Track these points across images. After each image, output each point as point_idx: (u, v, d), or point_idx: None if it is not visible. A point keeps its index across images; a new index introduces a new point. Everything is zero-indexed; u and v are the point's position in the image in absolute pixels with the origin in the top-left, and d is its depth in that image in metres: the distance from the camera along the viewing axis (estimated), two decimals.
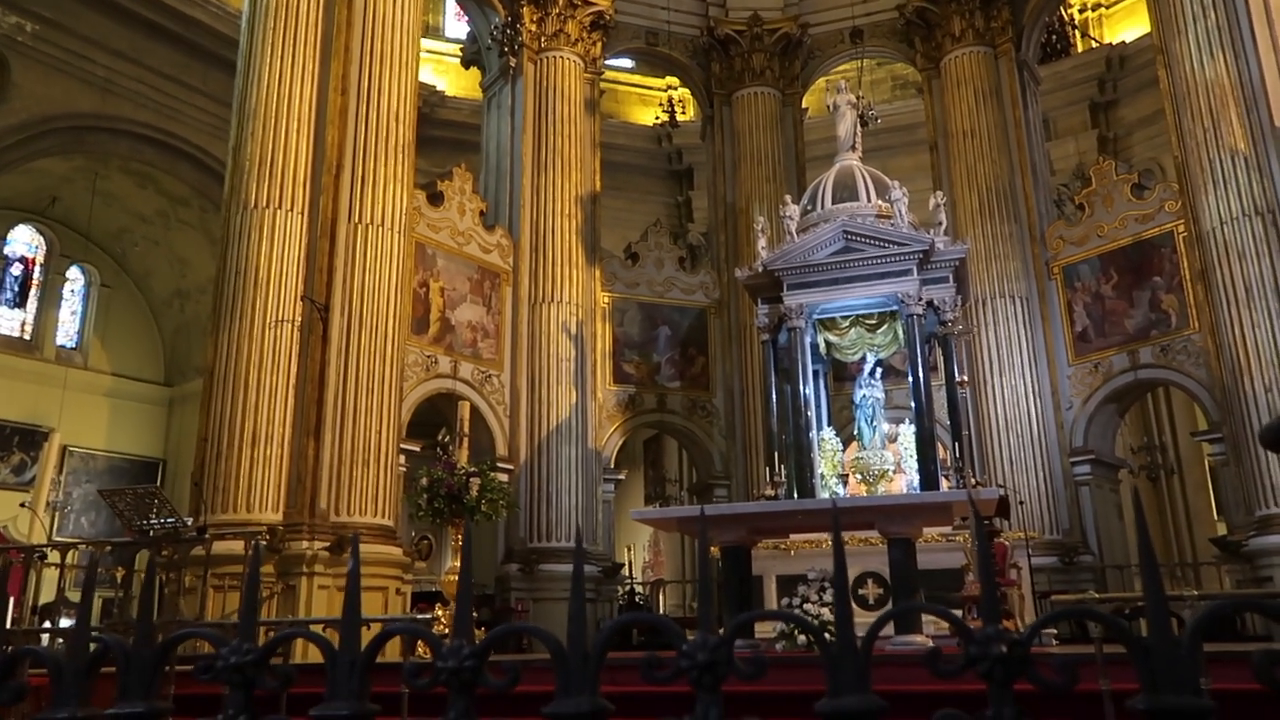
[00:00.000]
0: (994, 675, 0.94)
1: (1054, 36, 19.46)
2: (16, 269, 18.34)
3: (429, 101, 18.07)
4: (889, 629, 7.12)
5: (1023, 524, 11.92)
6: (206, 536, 7.97)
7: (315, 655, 7.66)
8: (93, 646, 1.22)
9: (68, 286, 19.03)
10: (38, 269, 18.62)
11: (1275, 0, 11.69)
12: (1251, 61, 11.57)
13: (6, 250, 18.15)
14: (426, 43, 16.66)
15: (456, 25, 20.96)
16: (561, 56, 15.21)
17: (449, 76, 20.15)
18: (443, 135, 18.30)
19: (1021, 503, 12.35)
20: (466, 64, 16.65)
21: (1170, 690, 0.92)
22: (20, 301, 18.29)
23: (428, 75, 18.43)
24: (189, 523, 8.35)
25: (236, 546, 8.48)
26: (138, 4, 15.09)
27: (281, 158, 10.66)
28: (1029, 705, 0.99)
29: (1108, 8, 20.34)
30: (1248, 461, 11.09)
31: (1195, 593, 5.73)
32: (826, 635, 1.06)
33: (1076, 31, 20.24)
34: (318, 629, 7.61)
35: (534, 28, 15.14)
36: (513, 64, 14.99)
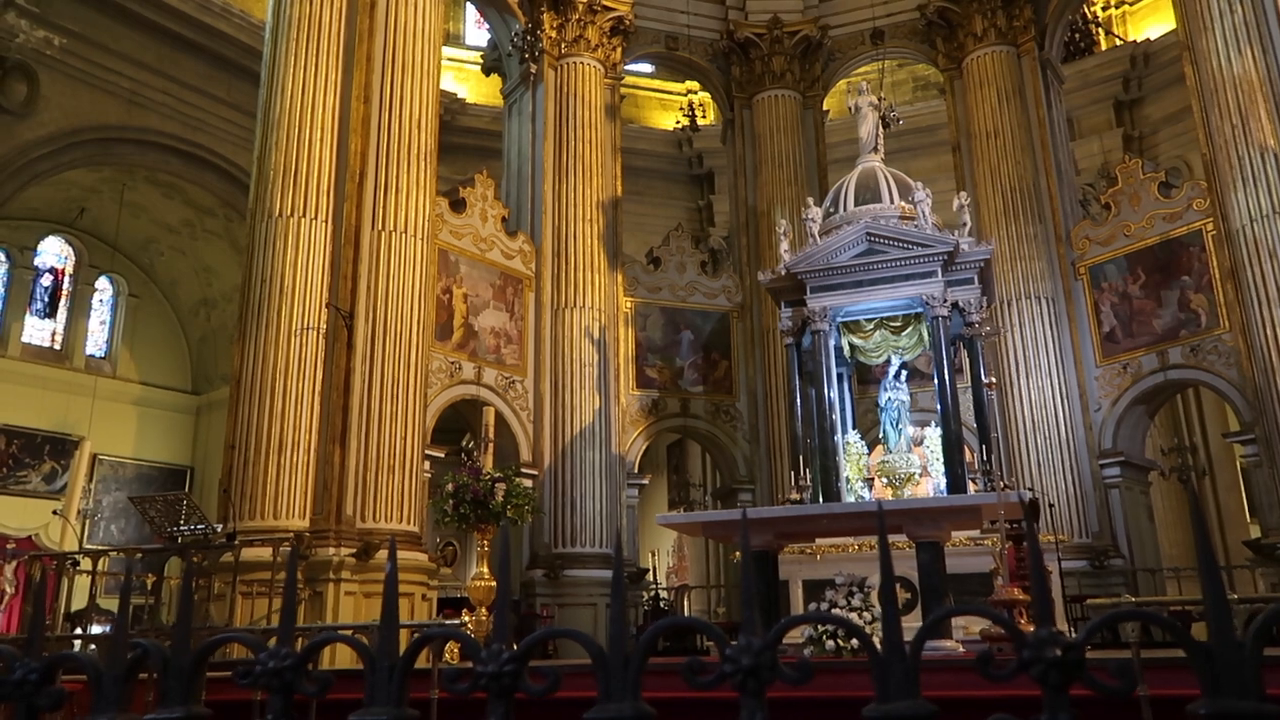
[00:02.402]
0: (1049, 679, 0.91)
1: (1077, 34, 19.30)
2: (46, 280, 18.60)
3: (450, 109, 18.17)
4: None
5: (1052, 527, 11.79)
6: (236, 543, 8.02)
7: (342, 660, 7.70)
8: (130, 652, 1.22)
9: (96, 296, 19.28)
10: (67, 279, 18.87)
11: None
12: None
13: (36, 261, 18.41)
14: (447, 50, 16.75)
15: (477, 33, 21.07)
16: (582, 62, 15.24)
17: (470, 84, 20.24)
18: (464, 142, 18.39)
19: (1051, 506, 12.21)
20: (487, 71, 16.72)
21: (1233, 695, 0.89)
22: (50, 312, 18.54)
23: (449, 83, 18.52)
24: (218, 529, 8.41)
25: (264, 553, 8.54)
26: (164, 17, 15.28)
27: (305, 166, 10.74)
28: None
29: (1131, 5, 20.14)
30: None
31: (1235, 596, 5.64)
32: (874, 639, 1.04)
33: (1100, 29, 20.05)
34: (346, 634, 7.64)
35: (554, 34, 15.19)
36: (533, 70, 15.04)
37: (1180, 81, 14.03)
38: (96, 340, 19.21)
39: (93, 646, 8.21)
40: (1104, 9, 20.19)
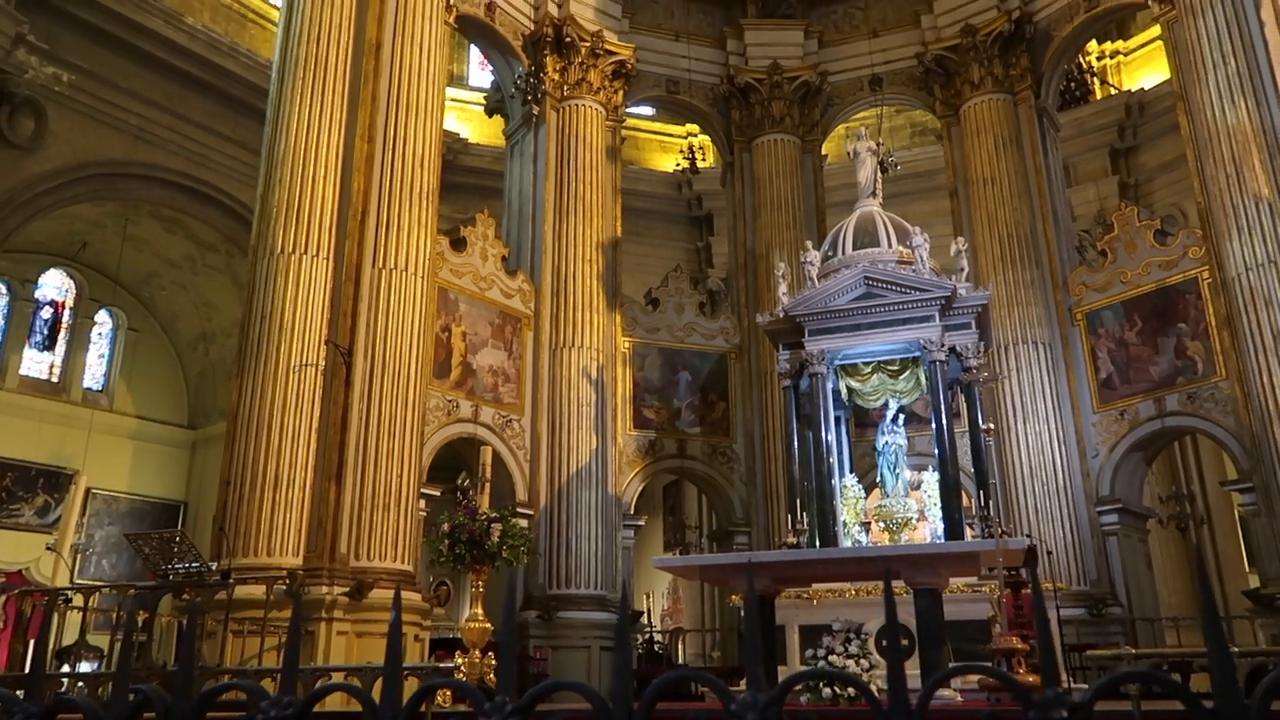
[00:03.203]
0: None
1: (1073, 84, 19.55)
2: (46, 312, 18.61)
3: (453, 149, 18.33)
4: (914, 681, 6.98)
5: (1050, 574, 11.73)
6: (230, 581, 7.96)
7: (333, 702, 7.58)
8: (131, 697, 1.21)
9: (95, 330, 19.29)
10: (67, 312, 18.89)
11: None
12: (1273, 107, 11.58)
13: (37, 294, 18.44)
14: (451, 91, 16.96)
15: (480, 74, 21.33)
16: (584, 105, 15.42)
17: (472, 124, 20.46)
18: (466, 182, 18.54)
19: (1049, 553, 12.17)
20: (490, 112, 16.91)
21: None
22: (49, 344, 18.54)
23: (452, 123, 18.71)
24: (212, 567, 8.35)
25: (257, 591, 8.47)
26: (172, 55, 15.47)
27: (308, 204, 10.83)
28: None
29: (1126, 55, 20.45)
30: None
31: (1236, 648, 5.58)
32: (876, 689, 1.04)
33: (1095, 79, 20.33)
34: (339, 676, 7.55)
35: (557, 77, 15.38)
36: (535, 112, 15.21)
37: (1175, 131, 14.22)
38: (94, 373, 19.19)
39: (80, 684, 8.10)
40: (1099, 59, 20.49)
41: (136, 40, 15.03)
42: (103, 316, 19.42)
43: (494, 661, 8.00)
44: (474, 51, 20.65)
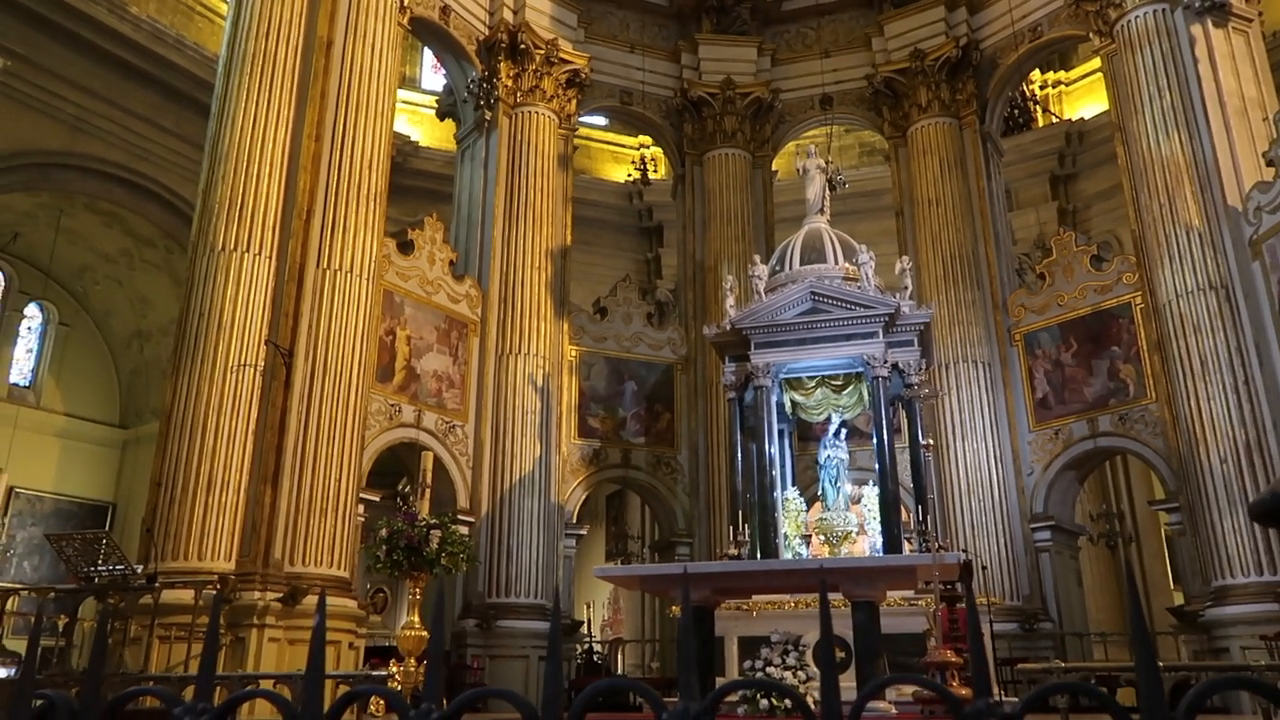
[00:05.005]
0: None
1: (1016, 111, 20.06)
2: None
3: (403, 151, 18.15)
4: (850, 693, 7.03)
5: (984, 589, 11.93)
6: (156, 585, 7.73)
7: (262, 711, 7.41)
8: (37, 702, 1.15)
9: (25, 323, 18.67)
10: None
11: (1228, 83, 12.17)
12: (1205, 141, 12.00)
13: None
14: (402, 93, 16.79)
15: (433, 77, 21.16)
16: (536, 112, 15.37)
17: (423, 127, 20.28)
18: (415, 185, 18.35)
19: (984, 568, 12.37)
20: (442, 115, 16.78)
21: None
22: None
23: (402, 125, 18.53)
24: (138, 570, 8.10)
25: (186, 596, 8.24)
26: (115, 45, 15.07)
27: (252, 201, 10.62)
28: None
29: (1067, 85, 21.02)
30: (1204, 531, 11.23)
31: (1161, 664, 5.75)
32: (809, 700, 1.03)
33: (1037, 107, 20.87)
34: (267, 684, 7.37)
35: (510, 83, 15.32)
36: (488, 117, 15.13)
37: (1112, 160, 14.64)
38: (22, 368, 18.57)
39: None
40: (1042, 88, 21.04)
41: (77, 28, 14.61)
42: (33, 310, 18.81)
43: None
44: (427, 54, 20.48)
